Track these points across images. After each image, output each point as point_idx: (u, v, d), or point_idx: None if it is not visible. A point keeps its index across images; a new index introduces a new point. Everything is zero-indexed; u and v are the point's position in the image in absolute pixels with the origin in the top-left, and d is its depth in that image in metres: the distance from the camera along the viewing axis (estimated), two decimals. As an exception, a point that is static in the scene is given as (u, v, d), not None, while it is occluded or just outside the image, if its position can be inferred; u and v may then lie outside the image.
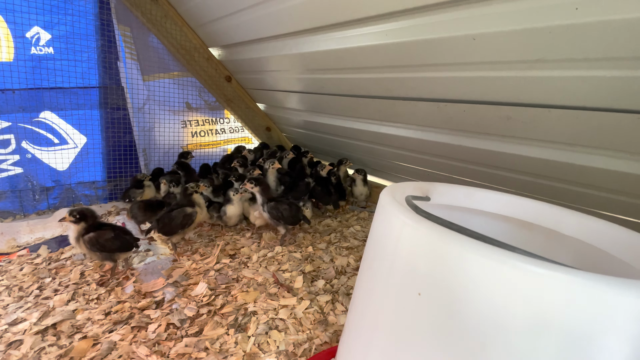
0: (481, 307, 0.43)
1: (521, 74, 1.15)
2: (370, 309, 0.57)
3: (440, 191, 0.76)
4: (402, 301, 0.50)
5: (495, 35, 1.08)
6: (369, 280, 0.59)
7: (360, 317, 0.60)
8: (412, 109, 1.69)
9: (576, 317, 0.38)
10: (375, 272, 0.57)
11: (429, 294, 0.47)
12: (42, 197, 2.41)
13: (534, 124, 1.27)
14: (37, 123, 2.32)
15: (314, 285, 1.63)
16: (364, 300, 0.60)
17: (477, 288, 0.43)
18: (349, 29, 1.56)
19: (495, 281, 0.42)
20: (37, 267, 1.75)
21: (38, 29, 2.21)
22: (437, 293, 0.46)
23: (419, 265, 0.48)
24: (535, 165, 1.39)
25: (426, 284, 0.47)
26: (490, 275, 0.42)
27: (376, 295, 0.55)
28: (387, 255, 0.54)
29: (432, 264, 0.47)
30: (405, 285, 0.50)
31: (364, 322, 0.58)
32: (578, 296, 0.38)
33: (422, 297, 0.47)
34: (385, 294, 0.53)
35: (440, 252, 0.46)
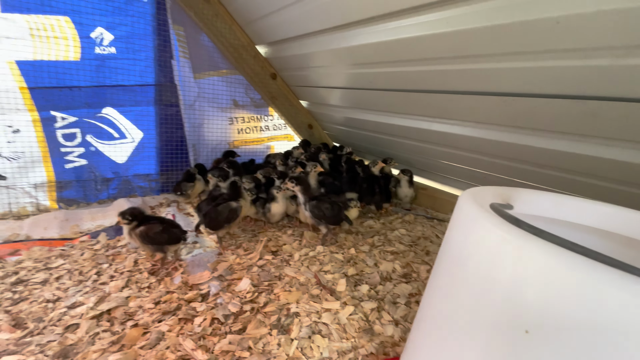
0: (617, 352, 0.33)
1: (615, 62, 0.98)
2: (451, 336, 0.48)
3: (524, 199, 0.65)
4: (500, 337, 0.41)
5: (586, 16, 0.92)
6: (449, 301, 0.50)
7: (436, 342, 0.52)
8: (472, 104, 1.54)
9: None
10: (459, 295, 0.48)
11: (541, 332, 0.37)
12: (103, 187, 2.59)
13: (629, 122, 1.08)
14: (100, 118, 2.48)
15: (358, 290, 1.55)
16: (441, 324, 0.51)
17: (614, 329, 0.33)
18: (404, 18, 1.46)
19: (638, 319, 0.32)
20: (96, 253, 1.87)
21: (102, 30, 2.36)
22: (553, 333, 0.36)
23: (527, 296, 0.38)
24: (629, 170, 1.19)
25: (537, 320, 0.37)
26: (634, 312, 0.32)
27: (460, 322, 0.46)
28: (477, 276, 0.44)
29: (548, 294, 0.37)
30: (505, 319, 0.41)
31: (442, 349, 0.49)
32: None
33: (530, 336, 0.38)
34: (476, 323, 0.44)
35: (561, 281, 0.36)
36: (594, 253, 0.37)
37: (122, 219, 1.65)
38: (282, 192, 2.11)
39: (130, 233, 1.66)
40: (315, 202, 1.96)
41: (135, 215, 1.67)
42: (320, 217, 1.95)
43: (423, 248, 1.98)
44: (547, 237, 0.41)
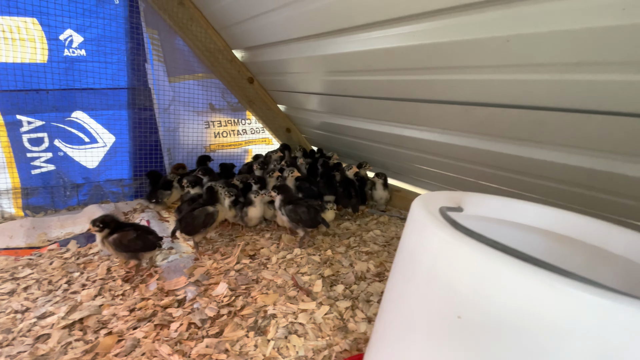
0: (533, 337, 0.39)
1: (557, 77, 1.09)
2: (403, 327, 0.54)
3: (474, 201, 0.73)
4: (438, 323, 0.47)
5: (531, 36, 1.03)
6: (401, 296, 0.56)
7: (390, 333, 0.58)
8: (438, 112, 1.64)
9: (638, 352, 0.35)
10: (407, 290, 0.54)
11: (470, 317, 0.44)
12: (73, 193, 2.51)
13: (572, 130, 1.20)
14: (69, 122, 2.41)
15: (333, 290, 1.61)
16: (396, 316, 0.57)
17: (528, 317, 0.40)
18: (375, 30, 1.53)
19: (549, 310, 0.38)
20: (66, 262, 1.82)
21: (71, 32, 2.30)
22: (480, 317, 0.43)
23: (460, 287, 0.45)
24: (572, 173, 1.32)
25: (467, 307, 0.44)
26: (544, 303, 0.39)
27: (409, 314, 0.53)
28: (423, 272, 0.51)
29: (475, 286, 0.44)
30: (443, 307, 0.47)
31: (395, 340, 0.55)
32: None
33: (462, 321, 0.44)
34: (421, 313, 0.51)
35: (484, 275, 0.43)
36: (511, 249, 0.45)
37: (93, 226, 1.62)
38: (259, 196, 2.14)
39: (103, 241, 1.63)
40: (292, 206, 2.00)
41: (107, 222, 1.64)
42: (297, 220, 1.99)
43: (396, 248, 2.05)
44: (476, 237, 0.48)
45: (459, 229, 0.50)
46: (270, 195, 2.13)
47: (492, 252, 0.44)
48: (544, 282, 0.39)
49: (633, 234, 0.62)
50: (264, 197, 2.16)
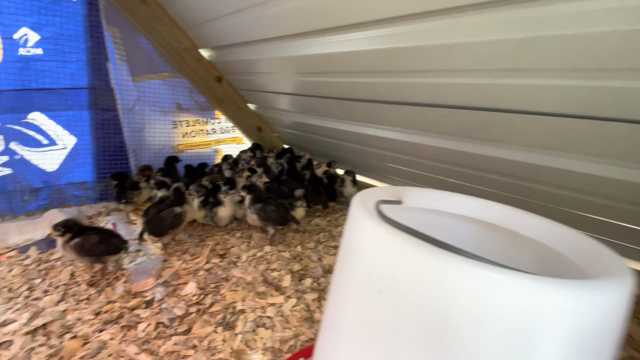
0: (432, 302, 0.48)
1: (494, 81, 1.21)
2: (339, 306, 0.62)
3: (413, 195, 0.81)
4: (364, 299, 0.55)
5: (468, 45, 1.14)
6: (339, 280, 0.64)
7: (331, 314, 0.65)
8: (396, 112, 1.74)
9: (512, 312, 0.43)
10: (344, 273, 0.61)
11: (387, 292, 0.52)
12: (32, 198, 2.42)
13: (509, 129, 1.34)
14: (26, 124, 2.31)
15: (302, 283, 1.67)
16: (334, 299, 0.65)
17: (427, 286, 0.48)
18: (335, 34, 1.60)
19: (443, 280, 0.47)
20: (27, 269, 1.77)
21: (26, 30, 2.21)
22: (394, 292, 0.51)
23: (380, 266, 0.53)
24: (512, 167, 1.46)
25: (385, 283, 0.52)
26: (439, 275, 0.47)
27: (344, 293, 0.60)
28: (354, 256, 0.58)
29: (391, 265, 0.51)
30: (367, 284, 0.55)
31: (333, 318, 0.62)
32: (512, 293, 0.43)
33: (382, 296, 0.52)
34: (352, 291, 0.58)
35: (397, 255, 0.51)
36: (420, 234, 0.53)
37: (54, 231, 1.58)
38: (229, 196, 2.16)
39: (65, 246, 1.60)
40: (261, 204, 2.04)
41: (69, 226, 1.61)
42: (267, 219, 2.04)
43: (363, 242, 2.16)
44: (392, 223, 0.56)
45: (383, 218, 0.58)
46: (239, 195, 2.16)
47: (403, 236, 0.52)
48: (439, 259, 0.47)
49: (542, 220, 0.73)
50: (233, 197, 2.18)
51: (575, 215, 1.48)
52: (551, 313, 0.42)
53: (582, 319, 0.43)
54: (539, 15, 0.92)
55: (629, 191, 1.21)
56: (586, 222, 1.47)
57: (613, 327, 0.45)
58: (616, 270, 0.49)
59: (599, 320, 0.43)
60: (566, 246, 0.64)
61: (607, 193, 1.26)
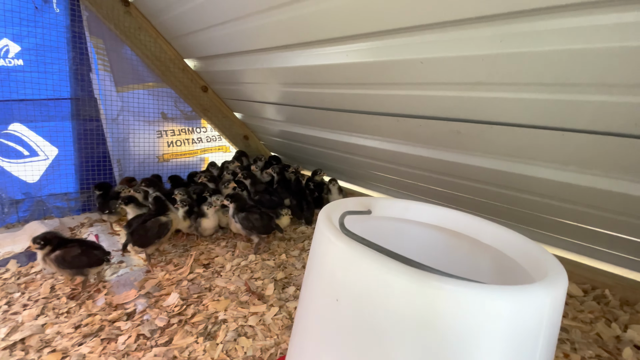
0: (381, 309, 0.51)
1: (464, 94, 1.27)
2: (303, 314, 0.64)
3: (382, 205, 0.85)
4: (324, 307, 0.58)
5: (439, 59, 1.20)
6: (305, 289, 0.67)
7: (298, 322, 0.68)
8: (375, 122, 1.80)
9: (454, 318, 0.47)
10: (309, 283, 0.64)
11: (343, 300, 0.55)
12: (12, 210, 2.38)
13: (480, 138, 1.40)
14: (6, 135, 2.29)
15: (285, 292, 1.69)
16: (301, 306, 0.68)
17: (377, 294, 0.51)
18: (315, 47, 1.66)
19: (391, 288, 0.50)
20: (6, 282, 1.74)
21: (7, 41, 2.20)
22: (349, 299, 0.54)
23: (338, 276, 0.56)
24: (483, 173, 1.52)
25: (342, 291, 0.55)
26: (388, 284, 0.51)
27: (308, 302, 0.63)
28: (317, 266, 0.62)
29: (346, 274, 0.55)
30: (327, 293, 0.58)
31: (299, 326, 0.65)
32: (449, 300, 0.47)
33: (339, 303, 0.55)
34: (314, 300, 0.61)
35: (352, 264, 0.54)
36: (372, 244, 0.57)
37: (34, 244, 1.57)
38: (212, 208, 2.17)
39: (45, 259, 1.59)
40: (245, 213, 2.06)
41: (49, 239, 1.60)
42: (251, 227, 2.05)
43: (347, 249, 2.19)
44: (350, 235, 0.59)
45: (343, 231, 0.61)
46: (224, 204, 2.17)
47: (357, 246, 0.55)
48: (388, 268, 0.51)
49: (498, 227, 0.78)
50: (216, 208, 2.19)
51: (542, 219, 1.55)
52: (484, 317, 0.46)
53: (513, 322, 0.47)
54: (499, 33, 0.99)
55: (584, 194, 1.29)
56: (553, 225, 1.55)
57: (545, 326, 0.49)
58: (551, 273, 0.53)
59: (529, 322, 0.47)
60: (517, 252, 0.69)
61: (566, 197, 1.34)
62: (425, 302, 0.47)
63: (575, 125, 1.08)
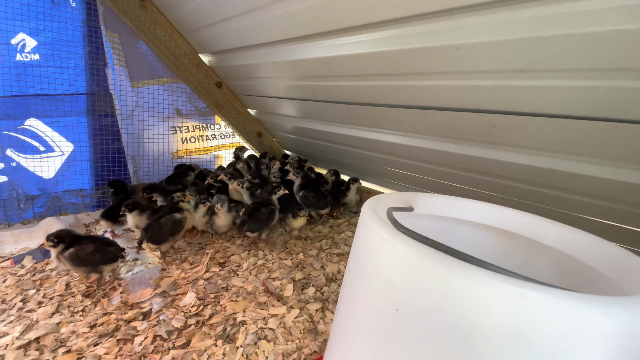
0: (456, 323, 0.43)
1: (503, 83, 1.17)
2: (350, 323, 0.57)
3: (424, 201, 0.77)
4: (379, 316, 0.50)
5: (478, 45, 1.10)
6: (350, 293, 0.59)
7: (341, 330, 0.60)
8: (399, 116, 1.71)
9: (548, 334, 0.39)
10: (355, 286, 0.57)
11: (405, 310, 0.47)
12: (28, 205, 2.37)
13: (518, 132, 1.30)
14: (22, 131, 2.28)
15: (304, 293, 1.62)
16: (345, 313, 0.60)
17: (451, 305, 0.43)
18: (337, 37, 1.58)
19: (470, 298, 0.42)
20: (21, 279, 1.71)
21: (24, 36, 2.18)
22: (413, 309, 0.46)
23: (396, 281, 0.48)
24: (520, 171, 1.42)
25: (403, 300, 0.47)
26: (466, 292, 0.42)
27: (356, 309, 0.55)
28: (367, 269, 0.54)
29: (409, 280, 0.47)
30: (382, 301, 0.50)
31: (344, 335, 0.57)
32: (549, 314, 0.39)
33: (399, 313, 0.47)
34: (365, 308, 0.54)
35: (416, 269, 0.46)
36: (440, 245, 0.48)
37: (47, 241, 1.52)
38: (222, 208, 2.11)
39: (59, 257, 1.55)
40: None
41: (62, 237, 1.55)
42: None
43: (366, 249, 2.11)
44: (410, 234, 0.51)
45: (398, 228, 0.53)
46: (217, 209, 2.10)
47: (422, 248, 0.47)
48: (461, 273, 0.43)
49: (562, 227, 0.68)
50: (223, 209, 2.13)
51: (590, 222, 1.43)
52: (592, 335, 0.38)
53: (625, 342, 0.38)
54: (553, 13, 0.89)
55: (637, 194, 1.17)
56: (603, 229, 1.42)
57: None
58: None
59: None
60: (592, 256, 0.60)
61: (623, 198, 1.22)
62: (521, 316, 0.39)
63: (634, 115, 0.97)
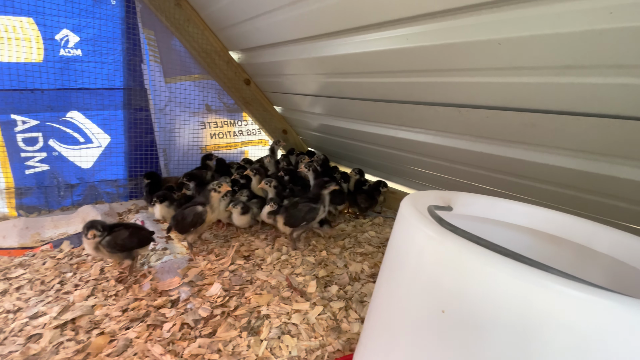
0: (511, 330, 0.40)
1: (548, 80, 1.10)
2: (389, 323, 0.55)
3: (463, 201, 0.74)
4: (424, 318, 0.48)
5: (523, 39, 1.05)
6: (388, 293, 0.57)
7: (378, 330, 0.58)
8: (432, 114, 1.66)
9: (619, 343, 0.35)
10: (395, 286, 0.55)
11: (453, 312, 0.44)
12: (67, 193, 2.50)
13: (561, 132, 1.22)
14: (64, 122, 2.41)
15: (327, 290, 1.61)
16: (383, 313, 0.58)
17: (508, 310, 0.40)
18: (369, 32, 1.55)
19: (529, 304, 0.39)
20: (59, 262, 1.81)
21: (67, 32, 2.30)
22: (463, 312, 0.43)
23: (444, 282, 0.46)
24: (562, 175, 1.33)
25: (451, 301, 0.45)
26: (524, 297, 0.39)
27: (396, 309, 0.53)
28: (409, 268, 0.52)
29: (458, 281, 0.44)
30: (428, 302, 0.48)
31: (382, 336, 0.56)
32: (620, 324, 0.35)
33: (446, 315, 0.45)
34: (406, 309, 0.51)
35: (467, 270, 0.43)
36: (495, 246, 0.45)
37: (95, 231, 1.56)
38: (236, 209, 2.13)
39: (98, 247, 1.59)
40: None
41: (103, 226, 1.61)
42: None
43: (390, 249, 2.07)
44: (460, 233, 0.48)
45: (445, 226, 0.51)
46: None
47: (476, 248, 0.44)
48: (526, 278, 0.40)
49: (618, 232, 0.63)
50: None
51: (628, 229, 1.33)
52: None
53: None
54: (609, 5, 0.83)
55: None
56: None
57: None
58: None
59: None
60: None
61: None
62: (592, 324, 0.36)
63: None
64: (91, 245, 1.60)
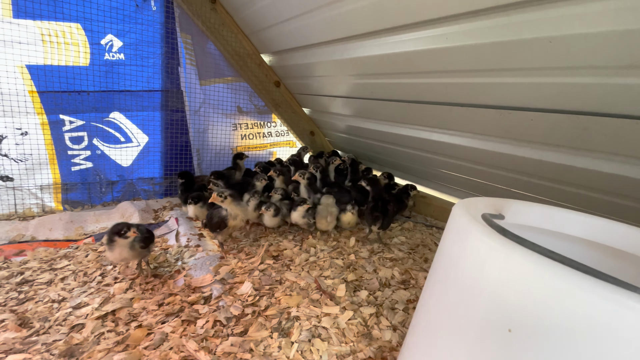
0: (593, 355, 0.36)
1: (604, 80, 1.03)
2: (442, 339, 0.52)
3: (516, 209, 0.69)
4: (487, 336, 0.45)
5: (576, 37, 0.98)
6: (441, 306, 0.54)
7: (428, 345, 0.55)
8: (469, 115, 1.59)
9: None
10: (450, 299, 0.51)
11: (522, 332, 0.41)
12: (108, 190, 2.64)
13: (617, 137, 1.13)
14: (107, 122, 2.54)
15: (357, 295, 1.58)
16: (434, 327, 0.55)
17: (592, 335, 0.36)
18: (405, 32, 1.52)
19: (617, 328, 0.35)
20: (100, 255, 1.90)
21: (112, 37, 2.43)
22: (534, 331, 0.40)
23: (511, 299, 0.42)
24: (620, 183, 1.23)
25: (519, 321, 0.41)
26: (609, 321, 0.36)
27: (451, 324, 0.50)
28: (466, 281, 0.48)
29: (529, 299, 0.41)
30: (491, 320, 0.44)
31: (434, 351, 0.53)
32: None
33: (514, 335, 0.41)
34: (465, 325, 0.48)
35: (540, 288, 0.40)
36: (570, 261, 0.41)
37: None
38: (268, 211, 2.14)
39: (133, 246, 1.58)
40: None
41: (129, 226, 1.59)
42: None
43: (422, 255, 2.01)
44: (529, 245, 0.45)
45: (509, 237, 0.47)
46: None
47: (549, 263, 0.41)
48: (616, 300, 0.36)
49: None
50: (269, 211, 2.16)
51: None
52: None
53: None
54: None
55: None
56: None
57: None
58: None
59: None
60: None
61: None
62: None
63: None
64: (127, 246, 1.57)
